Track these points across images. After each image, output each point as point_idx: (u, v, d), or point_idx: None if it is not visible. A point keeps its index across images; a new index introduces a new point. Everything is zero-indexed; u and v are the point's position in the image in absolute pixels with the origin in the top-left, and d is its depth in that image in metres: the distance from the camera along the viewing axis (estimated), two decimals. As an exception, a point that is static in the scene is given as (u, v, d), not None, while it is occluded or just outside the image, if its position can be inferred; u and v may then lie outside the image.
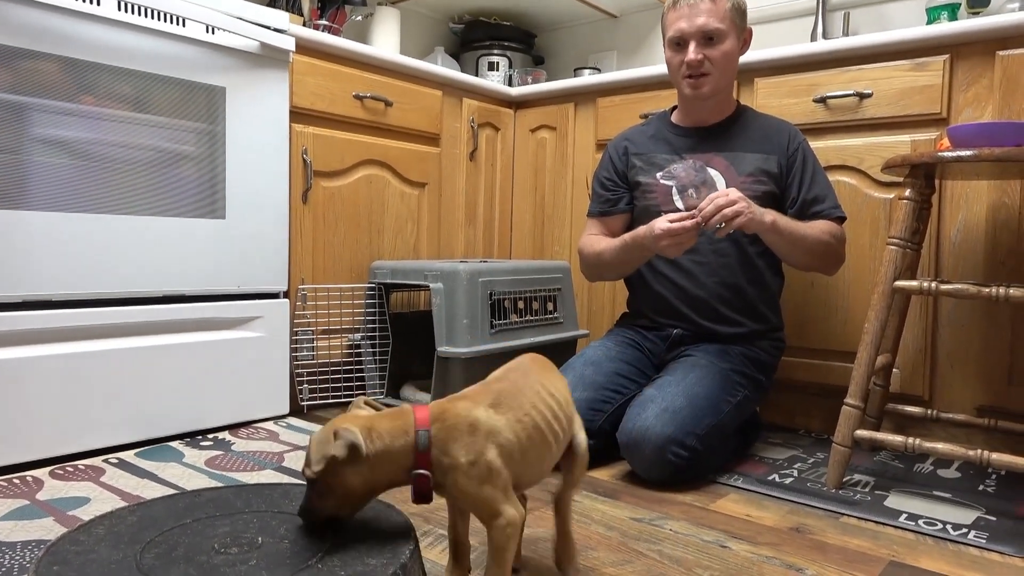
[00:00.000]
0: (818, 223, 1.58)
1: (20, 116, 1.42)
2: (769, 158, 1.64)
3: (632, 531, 1.22)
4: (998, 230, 1.63)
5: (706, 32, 1.58)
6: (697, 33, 1.58)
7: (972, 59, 1.67)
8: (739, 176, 1.64)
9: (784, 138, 1.66)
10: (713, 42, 1.59)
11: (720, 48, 1.60)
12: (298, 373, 1.96)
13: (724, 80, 1.65)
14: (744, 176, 1.64)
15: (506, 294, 1.97)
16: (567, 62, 3.13)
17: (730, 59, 1.62)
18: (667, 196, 1.69)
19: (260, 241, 1.82)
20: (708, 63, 1.60)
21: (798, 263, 1.61)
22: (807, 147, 1.67)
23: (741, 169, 1.64)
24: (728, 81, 1.67)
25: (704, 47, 1.59)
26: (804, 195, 1.62)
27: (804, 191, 1.62)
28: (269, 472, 1.47)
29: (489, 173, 2.51)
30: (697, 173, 1.67)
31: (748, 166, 1.64)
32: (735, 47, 1.62)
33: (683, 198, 1.67)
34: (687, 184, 1.67)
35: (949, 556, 1.15)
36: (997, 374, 1.64)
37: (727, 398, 1.53)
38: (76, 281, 1.51)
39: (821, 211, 1.60)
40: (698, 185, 1.66)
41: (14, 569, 1.02)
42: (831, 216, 1.60)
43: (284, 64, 1.84)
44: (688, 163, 1.69)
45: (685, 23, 1.59)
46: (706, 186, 1.65)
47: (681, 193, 1.68)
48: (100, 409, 1.55)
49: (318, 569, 0.76)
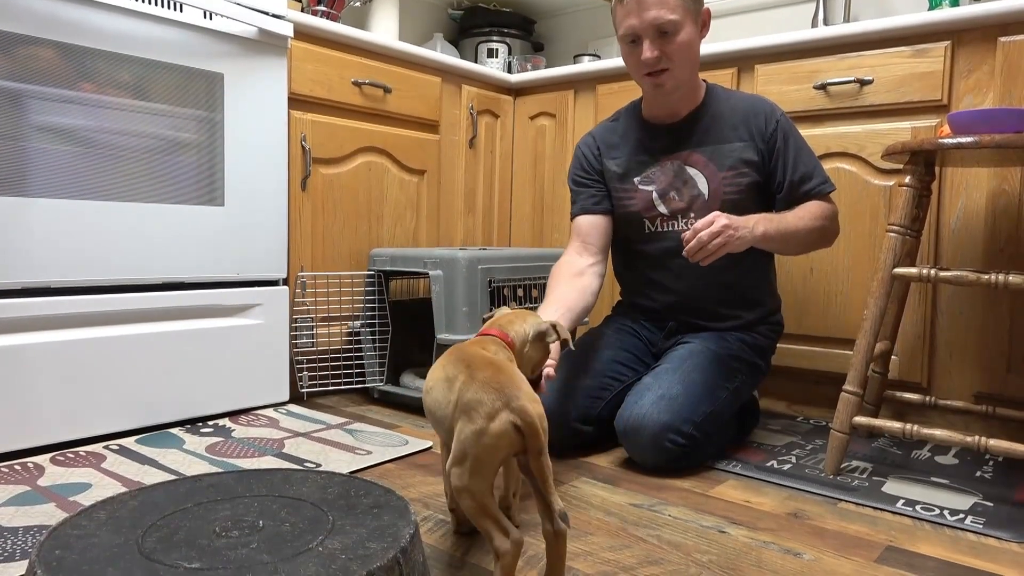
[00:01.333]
0: (808, 207, 1.52)
1: (19, 103, 1.41)
2: (748, 145, 1.57)
3: (631, 517, 1.23)
4: (998, 217, 1.63)
5: (659, 26, 1.46)
6: (649, 28, 1.46)
7: (973, 45, 1.66)
8: (720, 172, 1.58)
9: (760, 120, 1.57)
10: (668, 35, 1.47)
11: (676, 40, 1.48)
12: (298, 360, 1.97)
13: (686, 71, 1.54)
14: (726, 171, 1.57)
15: (505, 281, 1.97)
16: (567, 49, 3.11)
17: (689, 48, 1.51)
18: (648, 202, 1.63)
19: (259, 228, 1.81)
20: (665, 58, 1.49)
21: (795, 254, 1.59)
22: (786, 123, 1.57)
23: (721, 164, 1.58)
24: (691, 70, 1.56)
25: (659, 41, 1.48)
26: (791, 177, 1.55)
27: (790, 173, 1.55)
28: (269, 458, 1.47)
29: (488, 160, 2.50)
30: (676, 175, 1.61)
31: (728, 159, 1.57)
32: (693, 34, 1.51)
33: (665, 202, 1.62)
34: (668, 188, 1.61)
35: (946, 541, 1.16)
36: (995, 361, 1.64)
37: (724, 384, 1.53)
38: (76, 268, 1.51)
39: (810, 190, 1.54)
40: (679, 187, 1.60)
41: (16, 554, 1.02)
42: (821, 194, 1.54)
43: (282, 50, 1.83)
44: (666, 166, 1.62)
45: (635, 19, 1.47)
46: (687, 187, 1.59)
47: (662, 197, 1.62)
48: (100, 396, 1.55)
49: (319, 552, 0.76)
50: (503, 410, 0.89)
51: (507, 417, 0.89)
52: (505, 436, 0.89)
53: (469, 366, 0.97)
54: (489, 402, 0.90)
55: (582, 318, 1.53)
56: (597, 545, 1.11)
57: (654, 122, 1.66)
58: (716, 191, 1.58)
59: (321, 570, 0.72)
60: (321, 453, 1.51)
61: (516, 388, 0.92)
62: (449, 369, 1.00)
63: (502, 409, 0.89)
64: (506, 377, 0.94)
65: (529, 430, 0.89)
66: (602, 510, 1.25)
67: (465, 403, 0.92)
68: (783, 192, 1.56)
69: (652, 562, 1.05)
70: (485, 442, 0.88)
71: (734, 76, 2.00)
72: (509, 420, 0.89)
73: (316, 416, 1.81)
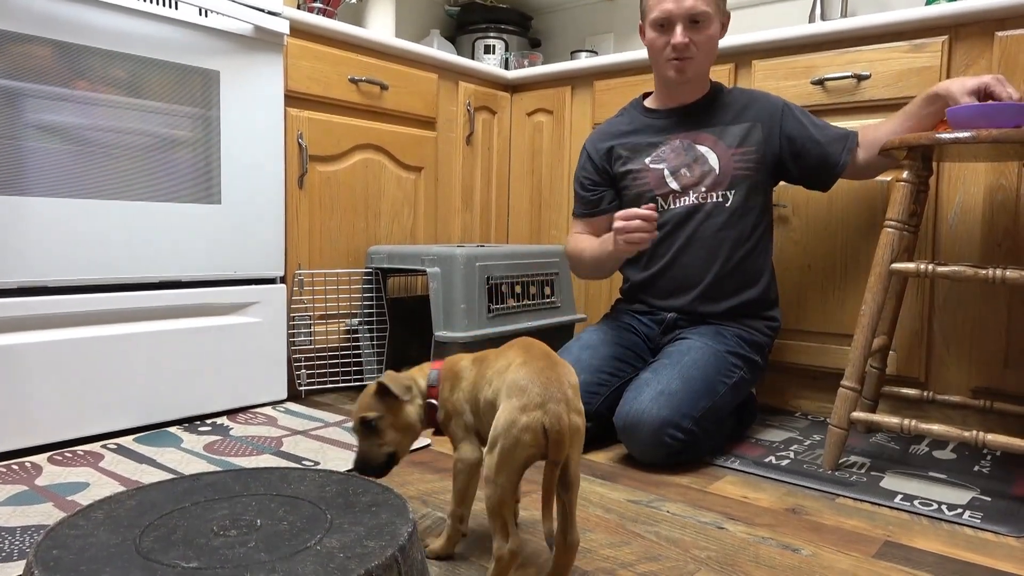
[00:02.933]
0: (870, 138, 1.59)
1: (14, 102, 1.40)
2: (755, 126, 1.65)
3: (629, 513, 1.23)
4: (995, 212, 1.63)
5: (693, 15, 1.57)
6: (684, 16, 1.57)
7: (971, 40, 1.66)
8: (729, 148, 1.64)
9: (766, 104, 1.66)
10: (699, 26, 1.58)
11: (705, 32, 1.59)
12: (296, 358, 1.97)
13: (707, 64, 1.66)
14: (734, 148, 1.64)
15: (503, 278, 1.97)
16: (564, 45, 3.11)
17: (713, 43, 1.63)
18: (660, 180, 1.68)
19: (256, 226, 1.81)
20: (693, 47, 1.59)
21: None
22: (791, 105, 1.67)
23: (730, 142, 1.64)
24: (709, 65, 1.68)
25: (690, 30, 1.58)
26: (824, 140, 1.61)
27: (822, 136, 1.62)
28: (267, 456, 1.47)
29: (486, 157, 2.50)
30: (687, 152, 1.66)
31: (736, 138, 1.64)
32: (718, 31, 1.63)
33: (676, 178, 1.66)
34: (678, 165, 1.66)
35: (944, 536, 1.16)
36: (993, 356, 1.64)
37: (722, 379, 1.53)
38: (72, 267, 1.51)
39: (847, 143, 1.60)
40: (690, 164, 1.65)
41: (13, 554, 1.02)
42: (854, 143, 1.60)
43: (278, 47, 1.83)
44: (676, 143, 1.68)
45: (672, 4, 1.57)
46: (698, 163, 1.65)
47: (674, 174, 1.67)
48: (98, 395, 1.55)
49: (317, 551, 0.76)
50: (538, 408, 0.88)
51: (538, 416, 0.87)
52: (530, 432, 0.87)
53: (527, 350, 0.96)
54: (531, 393, 0.88)
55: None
56: (596, 542, 1.11)
57: (662, 108, 1.73)
58: (727, 166, 1.64)
59: (319, 569, 0.72)
60: (319, 451, 1.51)
61: (560, 389, 0.90)
62: (510, 355, 0.98)
63: (538, 407, 0.88)
64: (556, 374, 0.92)
65: (555, 437, 0.87)
66: (600, 507, 1.25)
67: (510, 384, 0.91)
68: (823, 157, 1.61)
69: (651, 558, 1.05)
70: (513, 433, 0.87)
71: (731, 72, 1.99)
72: (540, 419, 0.87)
73: (314, 414, 1.80)
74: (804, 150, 1.63)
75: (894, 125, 1.53)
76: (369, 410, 1.03)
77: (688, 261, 1.65)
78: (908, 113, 1.51)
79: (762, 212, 1.67)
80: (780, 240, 1.90)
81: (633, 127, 1.75)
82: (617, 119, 1.81)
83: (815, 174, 1.65)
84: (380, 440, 1.04)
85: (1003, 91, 1.35)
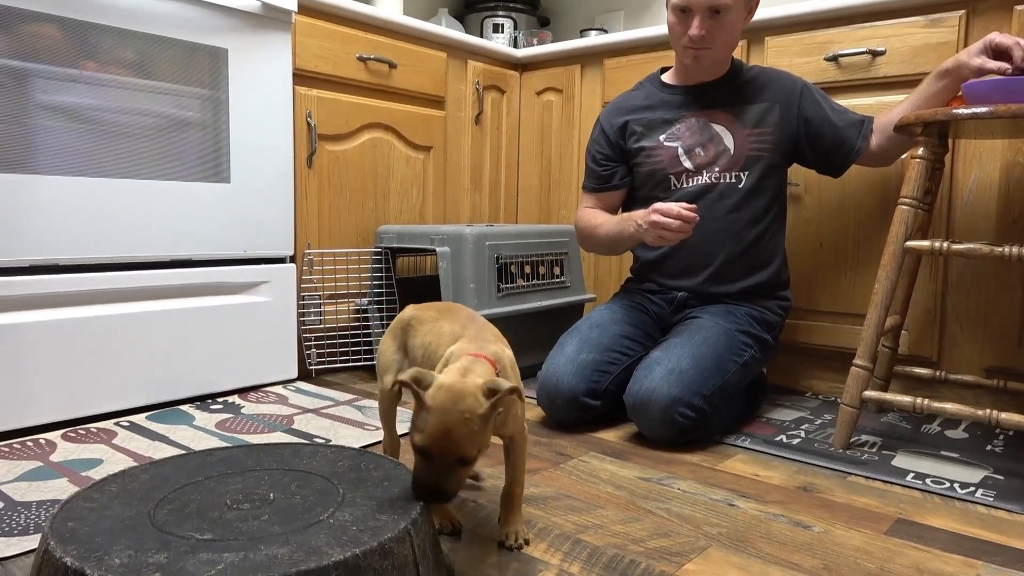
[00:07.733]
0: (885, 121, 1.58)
1: (24, 81, 1.40)
2: (772, 107, 1.63)
3: (640, 490, 1.23)
4: (1012, 189, 1.61)
5: (713, 6, 1.53)
6: (703, 6, 1.53)
7: (988, 14, 1.63)
8: (745, 129, 1.62)
9: (786, 84, 1.64)
10: (719, 15, 1.54)
11: (725, 21, 1.55)
12: (306, 337, 1.97)
13: (726, 52, 1.63)
14: (750, 128, 1.62)
15: (513, 258, 1.96)
16: (573, 23, 3.08)
17: (734, 31, 1.59)
18: (674, 158, 1.67)
19: (265, 205, 1.81)
20: (710, 39, 1.56)
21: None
22: (810, 85, 1.65)
23: (746, 122, 1.63)
24: (730, 52, 1.65)
25: (709, 20, 1.54)
26: (841, 125, 1.60)
27: (839, 120, 1.61)
28: (279, 434, 1.48)
29: (495, 136, 2.48)
30: (702, 131, 1.65)
31: (752, 119, 1.63)
32: (740, 18, 1.58)
33: (690, 158, 1.65)
34: (693, 144, 1.65)
35: (956, 514, 1.15)
36: (1006, 335, 1.63)
37: (733, 358, 1.53)
38: (84, 246, 1.51)
39: (863, 129, 1.59)
40: (704, 143, 1.64)
41: (30, 528, 1.03)
42: (869, 129, 1.59)
43: (286, 25, 1.81)
44: (691, 121, 1.66)
45: None
46: (712, 143, 1.63)
47: (688, 153, 1.65)
48: (110, 373, 1.56)
49: (330, 524, 0.76)
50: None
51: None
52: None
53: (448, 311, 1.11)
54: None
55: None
56: (607, 518, 1.11)
57: (679, 85, 1.71)
58: (742, 147, 1.62)
59: (332, 541, 0.72)
60: (331, 429, 1.52)
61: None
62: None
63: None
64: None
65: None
66: (611, 484, 1.25)
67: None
68: (840, 141, 1.60)
69: (662, 535, 1.06)
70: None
71: (744, 49, 1.97)
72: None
73: (325, 393, 1.81)
74: (820, 133, 1.61)
75: (907, 107, 1.51)
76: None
77: (700, 242, 1.63)
78: (921, 92, 1.48)
79: (776, 194, 1.66)
80: (792, 219, 1.88)
81: (649, 102, 1.73)
82: (633, 92, 1.78)
83: (830, 158, 1.63)
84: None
85: (1009, 41, 1.32)
